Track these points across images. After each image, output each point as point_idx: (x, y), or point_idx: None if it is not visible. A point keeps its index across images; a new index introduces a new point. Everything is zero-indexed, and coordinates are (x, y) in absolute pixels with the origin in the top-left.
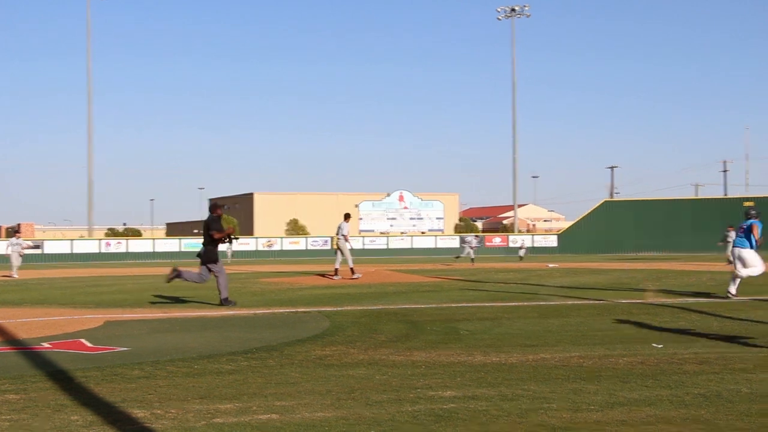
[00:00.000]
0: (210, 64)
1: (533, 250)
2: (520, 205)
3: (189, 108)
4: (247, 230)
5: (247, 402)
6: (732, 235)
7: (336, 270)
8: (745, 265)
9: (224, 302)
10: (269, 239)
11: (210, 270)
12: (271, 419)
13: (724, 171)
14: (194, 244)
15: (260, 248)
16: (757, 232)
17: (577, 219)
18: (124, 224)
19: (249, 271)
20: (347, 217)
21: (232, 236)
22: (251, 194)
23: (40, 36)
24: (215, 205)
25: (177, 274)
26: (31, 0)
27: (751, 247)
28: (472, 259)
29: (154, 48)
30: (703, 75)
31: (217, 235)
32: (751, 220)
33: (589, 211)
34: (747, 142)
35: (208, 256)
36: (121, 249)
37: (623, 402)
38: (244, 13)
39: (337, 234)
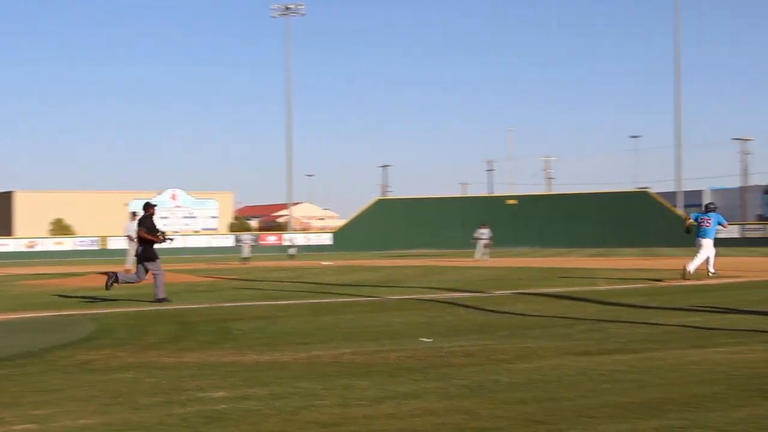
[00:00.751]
0: None
1: (308, 249)
2: (294, 204)
3: None
4: (6, 230)
5: (1, 412)
6: (485, 232)
7: (127, 270)
8: (702, 250)
9: (159, 302)
10: (31, 240)
11: (147, 269)
12: (28, 429)
13: (489, 170)
14: None
15: (21, 249)
16: (721, 221)
17: (352, 217)
18: None
19: (8, 274)
20: (134, 215)
21: (167, 237)
22: (11, 192)
23: None
24: (148, 204)
25: (114, 279)
26: None
27: (711, 237)
28: (246, 258)
29: None
30: (469, 77)
31: (141, 234)
32: (711, 213)
33: (363, 209)
34: (510, 143)
35: (146, 255)
36: None
37: (392, 396)
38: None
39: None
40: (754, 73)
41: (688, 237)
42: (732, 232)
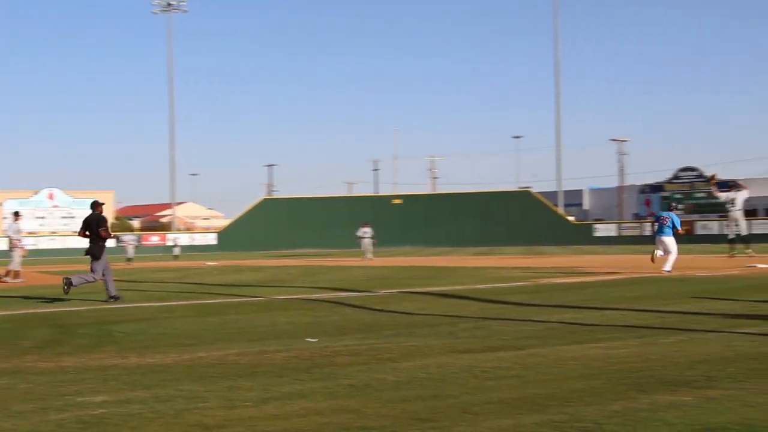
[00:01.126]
0: None
1: (193, 249)
2: (178, 203)
3: None
4: None
5: None
6: (368, 231)
7: (16, 273)
8: (667, 249)
9: (112, 299)
10: None
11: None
12: None
13: (375, 170)
14: None
15: None
16: (676, 222)
17: (236, 217)
18: None
19: None
20: (17, 216)
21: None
22: None
23: None
24: (97, 203)
25: (69, 283)
26: None
27: (672, 235)
28: (129, 259)
29: None
30: (355, 76)
31: (104, 234)
32: (670, 212)
33: (248, 209)
34: (396, 143)
35: (95, 254)
36: None
37: (277, 396)
38: None
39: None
40: (630, 74)
41: (569, 235)
42: (609, 230)
